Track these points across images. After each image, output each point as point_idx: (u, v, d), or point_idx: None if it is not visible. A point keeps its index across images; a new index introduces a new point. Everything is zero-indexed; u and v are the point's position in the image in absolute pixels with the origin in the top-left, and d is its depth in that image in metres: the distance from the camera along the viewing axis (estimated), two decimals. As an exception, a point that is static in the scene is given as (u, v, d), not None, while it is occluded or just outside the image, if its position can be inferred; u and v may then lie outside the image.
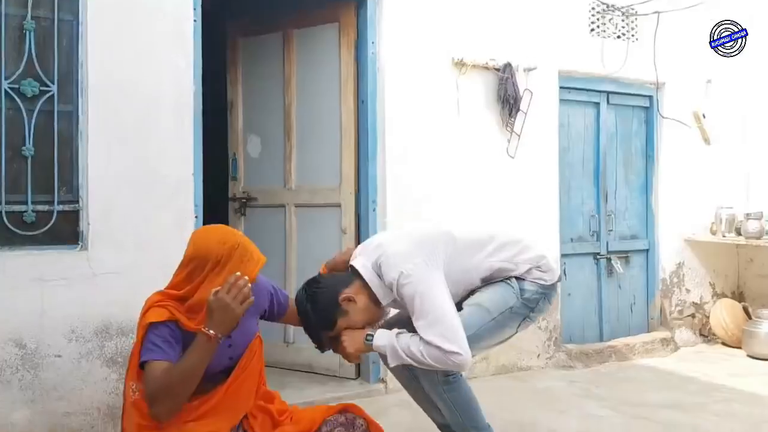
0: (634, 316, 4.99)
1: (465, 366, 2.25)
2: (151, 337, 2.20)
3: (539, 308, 2.53)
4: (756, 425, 3.27)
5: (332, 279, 2.47)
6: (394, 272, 2.32)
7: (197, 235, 2.33)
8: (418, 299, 2.27)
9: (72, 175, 3.06)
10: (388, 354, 2.31)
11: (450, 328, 2.23)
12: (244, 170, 4.34)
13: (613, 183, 4.91)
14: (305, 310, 2.40)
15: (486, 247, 2.49)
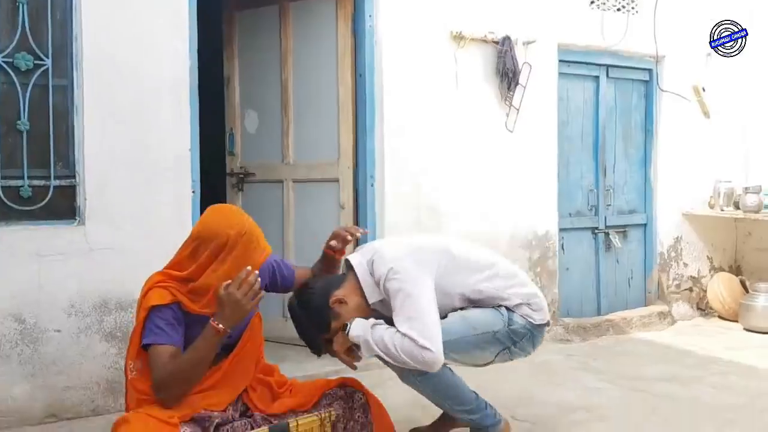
0: (632, 290, 5.01)
1: (435, 365, 2.23)
2: (154, 320, 2.20)
3: (522, 345, 2.47)
4: (753, 398, 3.30)
5: (322, 282, 2.47)
6: (384, 268, 2.33)
7: (207, 214, 2.30)
8: (402, 295, 2.28)
9: (68, 150, 3.04)
10: (361, 344, 2.31)
11: (428, 326, 2.23)
12: (241, 146, 4.32)
13: (612, 157, 4.89)
14: (298, 317, 2.42)
15: (483, 271, 2.47)
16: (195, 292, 2.24)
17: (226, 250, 2.21)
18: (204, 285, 2.22)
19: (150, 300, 2.22)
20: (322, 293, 2.41)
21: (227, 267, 2.21)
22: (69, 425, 2.88)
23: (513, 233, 4.29)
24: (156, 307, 2.20)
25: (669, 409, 3.13)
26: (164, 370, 2.16)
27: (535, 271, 4.37)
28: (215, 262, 2.21)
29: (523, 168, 4.31)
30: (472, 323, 2.40)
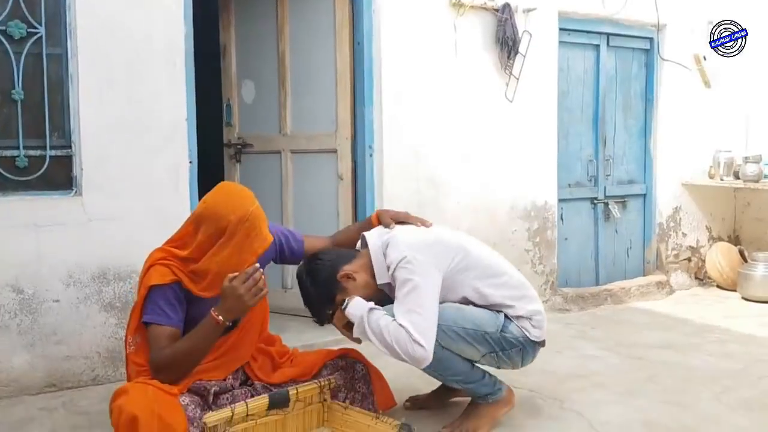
0: (631, 260, 5.01)
1: (422, 362, 2.22)
2: (155, 299, 2.20)
3: (510, 355, 2.44)
4: (750, 364, 3.32)
5: (333, 255, 2.48)
6: (398, 254, 2.31)
7: (213, 194, 2.29)
8: (409, 287, 2.26)
9: (63, 119, 3.01)
10: (355, 323, 2.30)
11: (425, 322, 2.23)
12: (238, 116, 4.28)
13: (612, 127, 4.87)
14: (305, 286, 2.41)
15: (494, 277, 2.45)
16: (196, 274, 2.24)
17: (226, 235, 2.20)
18: (203, 269, 2.22)
19: (151, 278, 2.21)
20: (332, 266, 2.41)
21: (226, 254, 2.20)
22: (69, 394, 2.90)
23: (512, 204, 4.28)
24: (157, 286, 2.20)
25: (667, 375, 3.15)
26: (161, 355, 2.17)
27: (534, 241, 4.37)
28: (215, 246, 2.21)
29: (522, 138, 4.28)
30: (465, 316, 2.38)
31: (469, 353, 2.39)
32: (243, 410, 2.17)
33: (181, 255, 2.25)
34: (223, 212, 2.20)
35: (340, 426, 2.41)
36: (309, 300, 2.44)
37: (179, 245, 2.29)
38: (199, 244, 2.23)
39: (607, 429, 2.52)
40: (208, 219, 2.22)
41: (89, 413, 2.69)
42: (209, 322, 2.17)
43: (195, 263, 2.23)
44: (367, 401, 2.53)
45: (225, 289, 2.15)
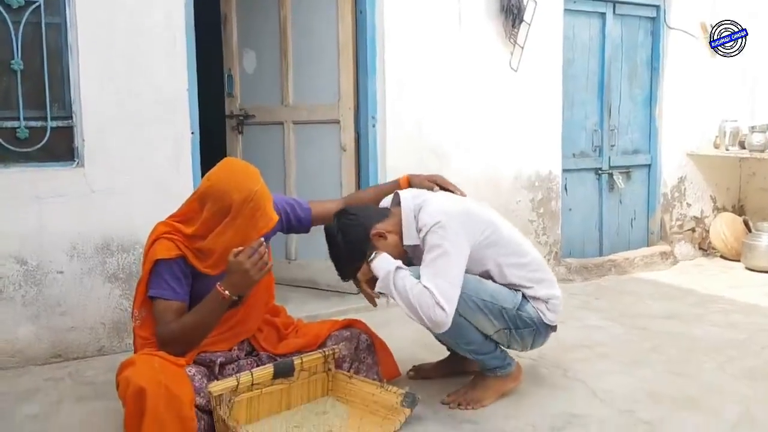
0: (635, 230, 5.00)
1: (441, 326, 2.22)
2: (160, 273, 2.20)
3: (522, 334, 2.44)
4: (754, 334, 3.32)
5: (366, 212, 2.46)
6: (431, 219, 2.31)
7: (218, 171, 2.26)
8: (438, 252, 2.26)
9: (63, 90, 2.98)
10: (380, 277, 2.29)
11: (450, 289, 2.23)
12: (240, 87, 4.24)
13: (617, 96, 4.82)
14: (336, 242, 2.39)
15: (518, 257, 2.46)
16: (201, 252, 2.24)
17: (230, 215, 2.19)
18: (209, 248, 2.22)
19: (156, 252, 2.21)
20: (365, 223, 2.40)
21: (231, 233, 2.20)
22: (75, 365, 2.91)
23: (516, 174, 4.25)
24: (162, 260, 2.20)
25: (670, 345, 3.15)
26: (168, 329, 2.17)
27: (537, 212, 4.35)
28: (220, 226, 2.20)
29: (527, 108, 4.24)
30: (486, 289, 2.39)
31: (484, 326, 2.39)
32: (248, 380, 2.18)
33: (186, 232, 2.24)
34: (227, 191, 2.18)
35: (344, 395, 2.42)
36: (338, 255, 2.42)
37: (183, 221, 2.28)
38: (204, 222, 2.22)
39: (611, 398, 2.53)
40: (213, 198, 2.20)
41: (95, 383, 2.71)
42: (215, 296, 2.17)
43: (200, 240, 2.22)
44: (371, 372, 2.54)
45: (231, 264, 2.15)
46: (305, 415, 2.31)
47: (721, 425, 2.29)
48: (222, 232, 2.20)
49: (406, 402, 2.28)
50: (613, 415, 2.38)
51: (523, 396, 2.53)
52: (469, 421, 2.33)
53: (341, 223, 2.40)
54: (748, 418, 2.36)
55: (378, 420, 2.27)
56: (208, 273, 2.24)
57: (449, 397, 2.49)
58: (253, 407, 2.24)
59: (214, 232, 2.20)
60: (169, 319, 2.19)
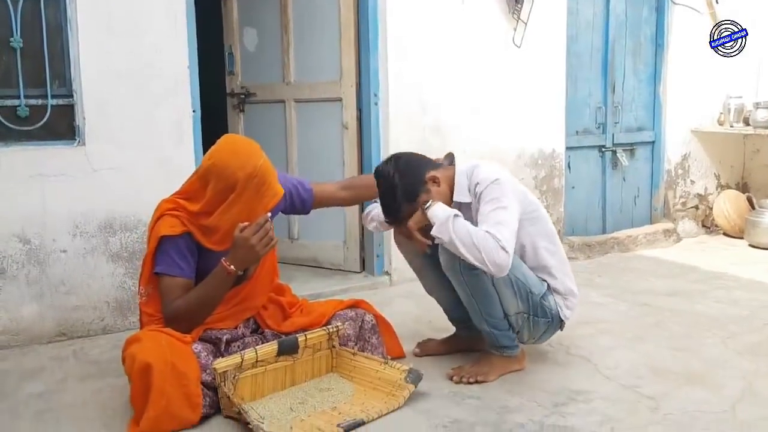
0: (638, 208, 4.99)
1: (503, 269, 2.21)
2: (166, 250, 2.21)
3: (538, 324, 2.47)
4: (757, 310, 3.32)
5: (421, 157, 2.49)
6: (489, 176, 2.36)
7: (220, 148, 2.26)
8: (497, 204, 2.28)
9: (64, 67, 2.96)
10: (438, 223, 2.27)
11: (510, 236, 2.24)
12: (241, 65, 4.21)
13: (621, 73, 4.77)
14: (391, 182, 2.39)
15: (552, 244, 2.51)
16: (207, 229, 2.24)
17: (236, 192, 2.18)
18: (214, 225, 2.22)
19: (161, 229, 2.21)
20: (422, 165, 2.44)
21: (237, 210, 2.20)
22: (80, 343, 2.92)
23: (520, 152, 4.23)
24: (167, 237, 2.20)
25: (673, 322, 3.16)
26: (174, 305, 2.18)
27: (540, 189, 4.33)
28: (225, 204, 2.20)
29: (530, 84, 4.21)
30: (520, 268, 2.42)
31: (508, 302, 2.40)
32: (252, 356, 2.19)
33: (191, 209, 2.24)
34: (231, 168, 2.17)
35: (348, 372, 2.43)
36: (391, 194, 2.40)
37: (187, 198, 2.28)
38: (208, 200, 2.22)
39: (615, 373, 2.54)
40: (217, 175, 2.20)
41: (100, 362, 2.72)
42: (220, 271, 2.18)
43: (206, 217, 2.22)
44: (376, 352, 2.55)
45: (236, 239, 2.15)
46: (309, 391, 2.32)
47: (724, 400, 2.29)
48: (228, 208, 2.20)
49: (410, 378, 2.29)
50: (617, 390, 2.39)
51: (527, 373, 2.54)
52: (472, 396, 2.33)
53: (399, 162, 2.42)
54: (751, 392, 2.36)
55: (382, 396, 2.28)
56: (214, 249, 2.24)
57: (453, 371, 2.50)
58: (257, 384, 2.25)
59: (219, 209, 2.20)
60: (175, 295, 2.20)
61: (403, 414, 2.20)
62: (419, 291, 2.82)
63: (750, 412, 2.20)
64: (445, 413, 2.20)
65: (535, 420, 2.15)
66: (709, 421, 2.14)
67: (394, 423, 2.14)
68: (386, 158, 2.50)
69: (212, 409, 2.17)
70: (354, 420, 2.10)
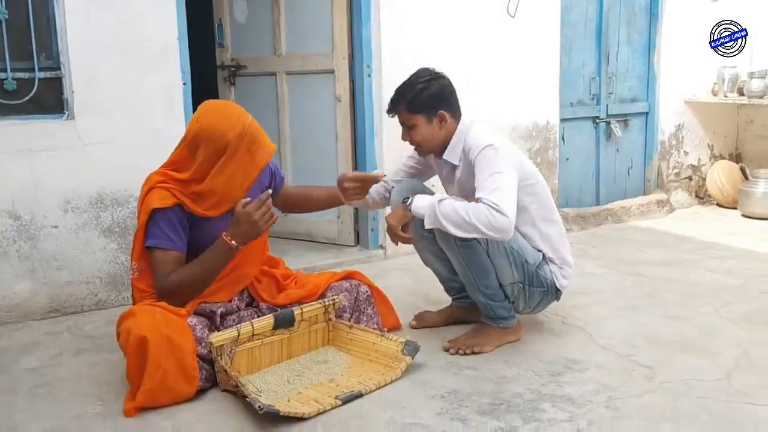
0: (631, 179, 4.98)
1: (505, 231, 2.19)
2: (157, 223, 2.19)
3: (533, 294, 2.47)
4: (750, 279, 3.33)
5: (454, 93, 2.50)
6: (484, 141, 2.34)
7: (203, 113, 2.23)
8: (493, 169, 2.26)
9: (50, 39, 2.90)
10: (427, 215, 2.27)
11: (510, 200, 2.22)
12: (231, 37, 4.14)
13: (615, 43, 4.73)
14: (417, 82, 2.41)
15: (551, 214, 2.51)
16: (199, 195, 2.21)
17: (227, 154, 2.17)
18: (209, 189, 2.20)
19: (151, 202, 2.18)
20: (449, 100, 2.45)
21: (230, 171, 2.18)
22: (74, 319, 2.91)
23: (514, 125, 4.20)
24: (158, 210, 2.18)
25: (667, 291, 3.17)
26: (169, 280, 2.16)
27: (535, 162, 4.28)
28: (217, 167, 2.18)
29: (524, 55, 4.16)
30: (516, 238, 2.40)
31: (504, 273, 2.40)
32: (249, 330, 2.18)
33: (181, 177, 2.22)
34: (219, 131, 2.16)
35: (345, 344, 2.43)
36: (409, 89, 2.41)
37: (177, 168, 2.25)
38: (199, 165, 2.20)
39: (610, 343, 2.54)
40: (206, 139, 2.18)
41: (94, 336, 2.70)
42: (221, 246, 2.17)
43: (197, 184, 2.20)
44: (371, 322, 2.54)
45: (239, 214, 2.15)
46: (306, 364, 2.32)
47: (720, 368, 2.31)
48: (220, 171, 2.18)
49: (407, 350, 2.29)
50: (613, 359, 2.40)
51: (523, 343, 2.54)
52: (469, 367, 2.34)
53: (439, 79, 2.45)
54: (746, 360, 2.37)
55: (379, 368, 2.28)
56: (210, 215, 2.23)
57: (449, 343, 2.50)
58: (254, 357, 2.24)
59: (211, 174, 2.18)
60: (167, 269, 2.18)
61: (400, 385, 2.20)
62: (414, 264, 2.82)
63: (745, 380, 2.21)
64: (442, 384, 2.21)
65: (532, 389, 2.16)
66: (704, 389, 2.15)
67: (392, 394, 2.14)
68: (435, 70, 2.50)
69: (208, 382, 2.16)
70: (351, 392, 2.10)
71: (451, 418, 1.99)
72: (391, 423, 1.97)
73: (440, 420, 1.98)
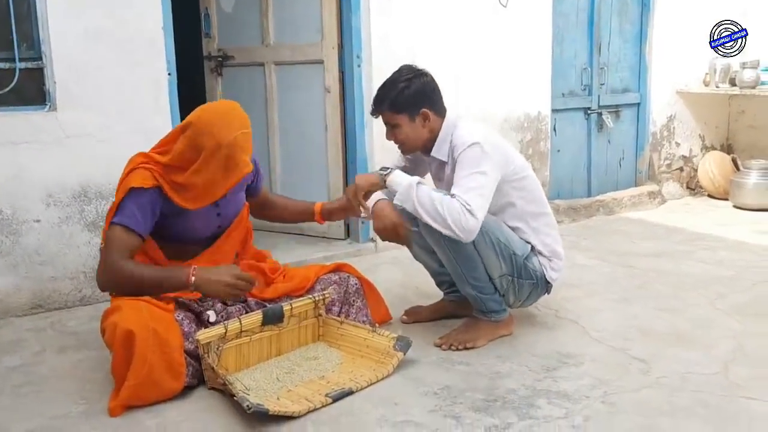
0: (623, 170, 4.96)
1: (471, 234, 2.18)
2: (129, 201, 2.14)
3: (522, 286, 2.43)
4: (742, 270, 3.31)
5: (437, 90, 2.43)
6: (470, 138, 2.29)
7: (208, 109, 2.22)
8: (473, 169, 2.24)
9: (31, 28, 2.82)
10: (400, 192, 2.25)
11: (481, 201, 2.21)
12: (218, 27, 4.07)
13: (607, 33, 4.70)
14: (399, 81, 2.36)
15: (541, 207, 2.47)
16: (180, 186, 2.17)
17: (214, 157, 2.13)
18: (189, 183, 2.17)
19: (131, 181, 2.16)
20: (431, 96, 2.40)
21: (212, 170, 2.15)
22: (57, 315, 2.84)
23: (506, 116, 4.16)
24: (136, 189, 2.14)
25: (659, 283, 3.15)
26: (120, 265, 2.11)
27: (526, 153, 4.28)
28: (197, 164, 2.14)
29: (516, 46, 4.12)
30: (502, 230, 2.38)
31: (492, 265, 2.36)
32: (237, 327, 2.13)
33: (162, 161, 2.18)
34: (213, 133, 2.13)
35: (335, 340, 2.38)
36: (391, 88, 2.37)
37: (162, 151, 2.23)
38: (180, 152, 2.15)
39: (603, 336, 2.51)
40: (197, 132, 2.15)
41: (78, 333, 2.64)
42: (179, 276, 2.15)
43: (178, 173, 2.16)
44: (361, 314, 2.51)
45: (220, 268, 2.17)
46: (296, 360, 2.27)
47: (715, 361, 2.28)
48: (201, 168, 2.15)
49: (399, 346, 2.25)
50: (607, 353, 2.37)
51: (516, 337, 2.51)
52: (462, 363, 2.30)
53: (421, 77, 2.38)
54: (741, 353, 2.35)
55: (370, 364, 2.24)
56: (187, 207, 2.19)
57: (441, 339, 2.46)
58: (242, 354, 2.19)
59: (191, 169, 2.14)
60: (121, 251, 2.12)
61: (392, 382, 2.16)
62: (405, 257, 2.77)
63: (741, 372, 2.19)
64: (434, 380, 2.17)
65: (526, 385, 2.12)
66: (700, 382, 2.12)
67: (384, 391, 2.10)
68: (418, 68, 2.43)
69: (195, 379, 2.11)
70: (342, 389, 2.06)
71: (444, 415, 1.95)
72: (383, 420, 1.93)
73: (433, 417, 1.94)
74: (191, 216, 2.23)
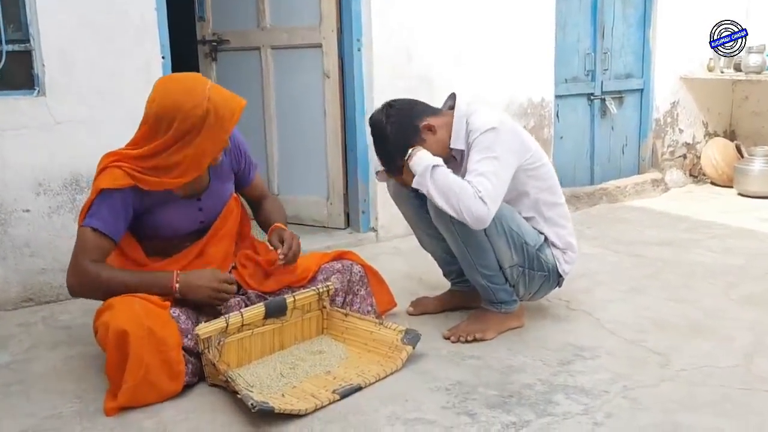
0: (626, 157, 4.88)
1: (481, 221, 2.09)
2: (99, 203, 2.04)
3: (533, 278, 2.35)
4: (751, 259, 3.24)
5: (416, 104, 2.34)
6: (486, 123, 2.20)
7: (163, 89, 2.07)
8: (487, 154, 2.15)
9: (18, 10, 2.69)
10: (419, 172, 2.15)
11: (494, 189, 2.12)
12: (212, 9, 3.94)
13: (611, 18, 4.60)
14: (383, 133, 2.26)
15: (555, 197, 2.39)
16: (159, 169, 2.05)
17: (190, 134, 2.01)
18: (172, 162, 2.05)
19: (101, 182, 2.04)
20: (417, 114, 2.28)
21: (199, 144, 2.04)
22: (49, 309, 2.73)
23: (509, 102, 4.06)
24: (106, 191, 2.02)
25: (668, 272, 3.07)
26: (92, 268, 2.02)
27: (529, 139, 4.18)
28: (183, 141, 2.02)
29: (519, 31, 4.01)
30: (515, 219, 2.29)
31: (503, 254, 2.27)
32: (238, 320, 2.04)
33: (137, 153, 2.06)
34: (182, 110, 2.00)
35: (341, 333, 2.29)
36: (384, 148, 2.29)
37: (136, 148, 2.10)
38: (165, 141, 2.03)
39: (617, 328, 2.43)
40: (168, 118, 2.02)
41: (70, 327, 2.54)
42: (164, 282, 2.05)
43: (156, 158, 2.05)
44: (365, 303, 2.42)
45: (205, 272, 2.09)
46: (300, 355, 2.18)
47: (735, 353, 2.20)
48: (183, 147, 2.03)
49: (407, 339, 2.16)
50: (622, 345, 2.29)
51: (528, 329, 2.42)
52: (473, 356, 2.21)
53: (391, 111, 2.27)
54: (762, 344, 2.27)
55: (378, 358, 2.15)
56: (178, 182, 2.08)
57: (449, 331, 2.37)
58: (244, 349, 2.09)
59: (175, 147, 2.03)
60: (92, 254, 2.02)
61: (401, 377, 2.07)
62: (407, 247, 2.68)
63: (764, 365, 2.11)
64: (445, 375, 2.08)
65: (542, 380, 2.03)
66: (722, 376, 2.04)
67: (393, 387, 2.01)
68: (381, 105, 2.33)
69: (195, 376, 2.01)
70: (350, 385, 1.97)
71: (457, 412, 1.86)
72: (394, 418, 1.84)
73: (446, 414, 1.85)
74: (170, 211, 2.12)
